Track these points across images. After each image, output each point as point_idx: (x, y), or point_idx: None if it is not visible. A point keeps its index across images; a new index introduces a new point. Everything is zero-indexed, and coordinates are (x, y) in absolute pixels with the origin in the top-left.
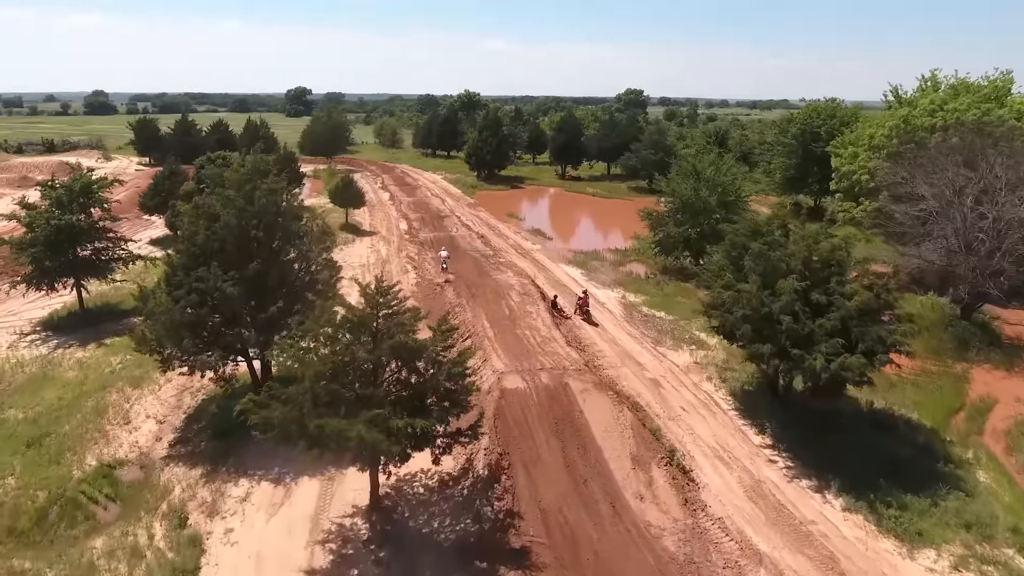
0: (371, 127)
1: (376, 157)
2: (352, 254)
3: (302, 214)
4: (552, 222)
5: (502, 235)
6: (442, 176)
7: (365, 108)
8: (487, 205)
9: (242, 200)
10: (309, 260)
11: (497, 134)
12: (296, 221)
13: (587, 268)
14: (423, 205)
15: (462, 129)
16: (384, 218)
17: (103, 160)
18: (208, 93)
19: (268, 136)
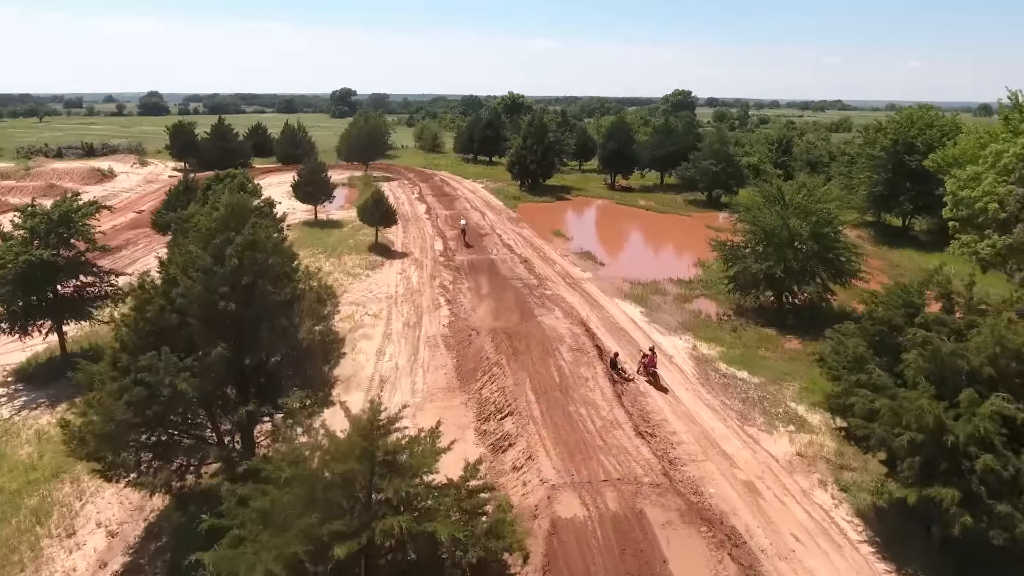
0: (412, 129)
1: (415, 162)
2: (380, 282)
3: (294, 273)
4: (603, 242)
5: (548, 259)
6: (483, 185)
7: (409, 109)
8: (531, 220)
9: (209, 259)
10: (295, 338)
11: (543, 141)
12: (283, 284)
13: (647, 305)
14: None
15: (505, 134)
16: (418, 236)
17: (138, 165)
18: (257, 94)
19: (305, 140)
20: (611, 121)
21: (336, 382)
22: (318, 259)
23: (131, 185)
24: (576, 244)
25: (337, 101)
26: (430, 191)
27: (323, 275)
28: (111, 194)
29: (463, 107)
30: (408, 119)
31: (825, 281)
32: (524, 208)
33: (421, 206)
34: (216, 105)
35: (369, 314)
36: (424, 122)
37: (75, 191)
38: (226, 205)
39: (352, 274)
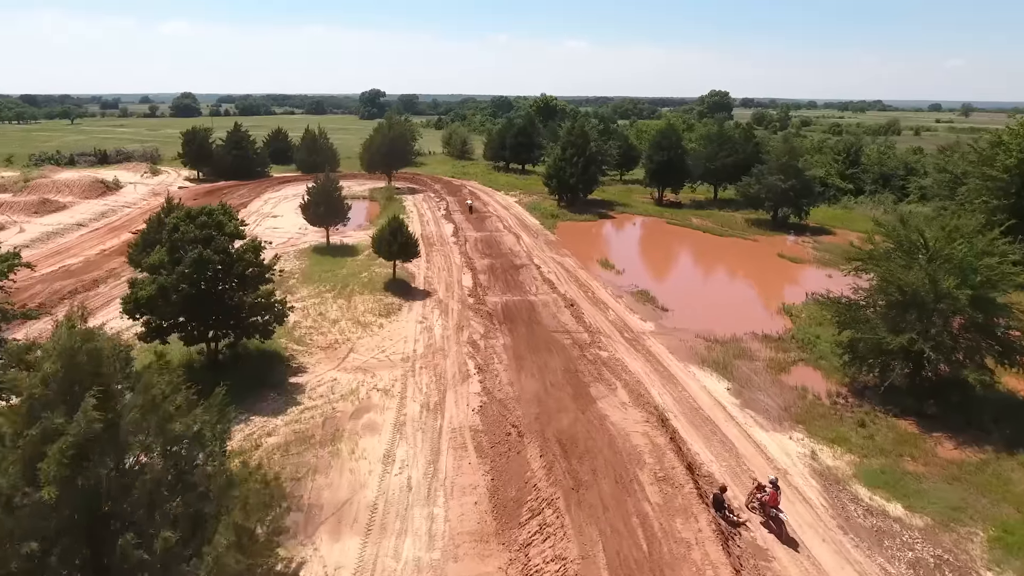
0: (440, 132)
1: (443, 171)
2: (395, 334)
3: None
4: (659, 276)
5: (598, 301)
6: (516, 199)
7: (438, 110)
8: (572, 244)
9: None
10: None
11: (584, 153)
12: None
13: (733, 377)
14: (494, 245)
15: (539, 141)
16: (444, 266)
17: (148, 175)
18: (288, 95)
19: (326, 147)
20: (659, 128)
21: (323, 513)
22: (324, 299)
23: (136, 198)
24: (629, 279)
25: (366, 102)
26: (458, 206)
27: (267, 471)
28: (111, 209)
29: (493, 108)
30: (437, 121)
31: (985, 359)
32: (563, 228)
33: (448, 226)
34: (247, 107)
35: (379, 388)
36: (453, 126)
37: (61, 206)
38: (60, 353)
39: (362, 323)
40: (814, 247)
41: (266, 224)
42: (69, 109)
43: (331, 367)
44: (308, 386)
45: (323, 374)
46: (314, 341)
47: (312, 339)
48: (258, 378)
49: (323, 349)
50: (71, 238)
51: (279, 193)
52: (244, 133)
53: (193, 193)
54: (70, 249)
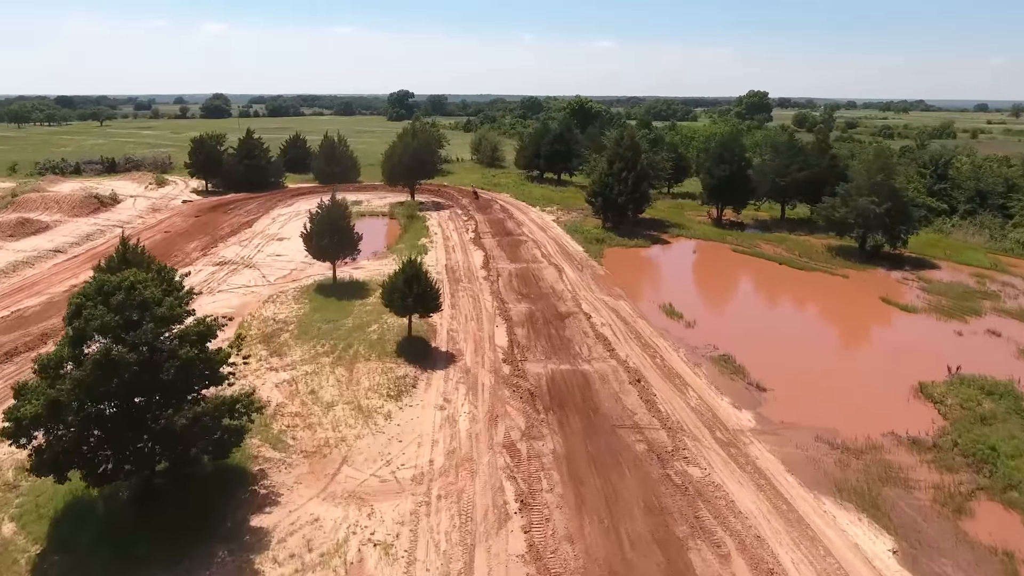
0: (469, 135)
1: (471, 180)
2: (406, 431)
3: None
4: (740, 329)
5: (672, 374)
6: (554, 216)
7: (466, 111)
8: (624, 278)
9: None
10: None
11: (635, 167)
12: None
13: (894, 527)
14: (531, 281)
15: (577, 149)
16: (473, 314)
17: (153, 186)
18: (318, 95)
19: (345, 155)
20: (713, 134)
21: None
22: (319, 367)
23: (131, 216)
24: (703, 334)
25: (394, 103)
26: (488, 227)
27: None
28: (99, 230)
29: (522, 110)
30: (465, 123)
31: None
32: (612, 256)
33: (477, 254)
34: (276, 108)
35: (375, 541)
36: (483, 129)
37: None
38: None
39: (364, 410)
40: (922, 286)
41: (269, 250)
42: (99, 111)
43: (314, 492)
44: (276, 534)
45: (301, 507)
46: (297, 442)
47: (295, 437)
48: (206, 517)
49: (307, 456)
50: (42, 269)
51: (291, 208)
52: (257, 141)
53: (196, 208)
54: (35, 285)
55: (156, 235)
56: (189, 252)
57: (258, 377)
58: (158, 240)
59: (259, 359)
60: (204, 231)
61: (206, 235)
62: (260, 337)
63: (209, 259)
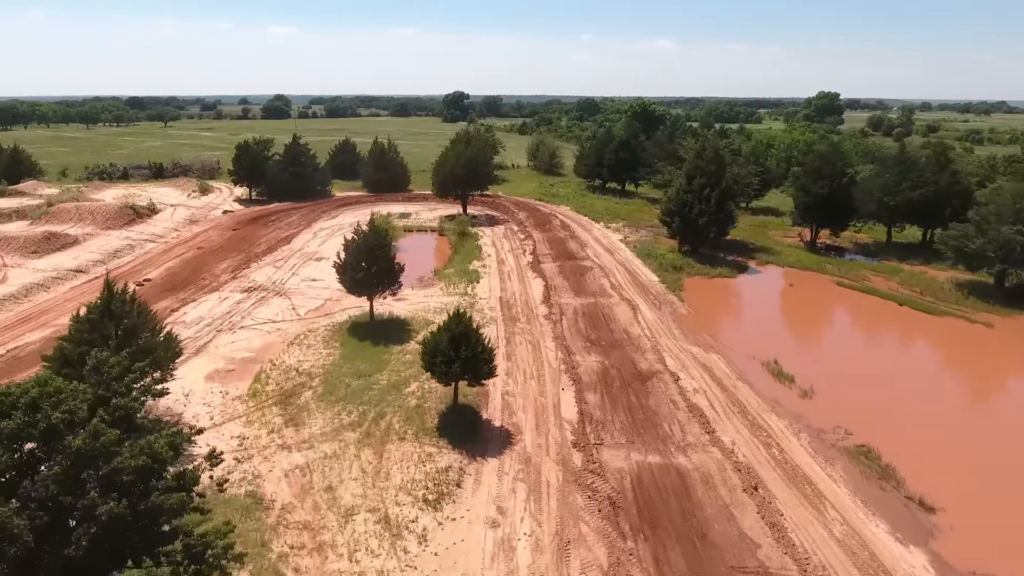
0: (525, 138)
1: (528, 190)
2: (445, 562)
3: None
4: (875, 403)
5: (798, 477)
6: (621, 234)
7: (522, 112)
8: (712, 320)
9: None
10: None
11: (719, 183)
12: None
13: None
14: (602, 323)
15: (644, 157)
16: (533, 371)
17: (196, 194)
18: (375, 96)
19: (395, 162)
20: (818, 151)
21: None
22: (343, 447)
23: (166, 229)
24: (827, 409)
25: (449, 105)
26: (548, 248)
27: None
28: (128, 245)
29: (579, 111)
30: (521, 125)
31: None
32: (693, 289)
33: (536, 284)
34: (334, 108)
35: None
36: (539, 132)
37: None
38: None
39: (392, 524)
40: None
41: (304, 273)
42: (164, 112)
43: None
44: None
45: None
46: (301, 573)
47: (299, 569)
48: None
49: None
50: (56, 293)
51: (334, 221)
52: (303, 147)
53: (236, 220)
54: (44, 314)
55: (188, 252)
56: (218, 275)
57: (266, 459)
58: (188, 258)
59: (271, 430)
60: (239, 247)
61: (240, 252)
62: (277, 396)
63: (238, 283)
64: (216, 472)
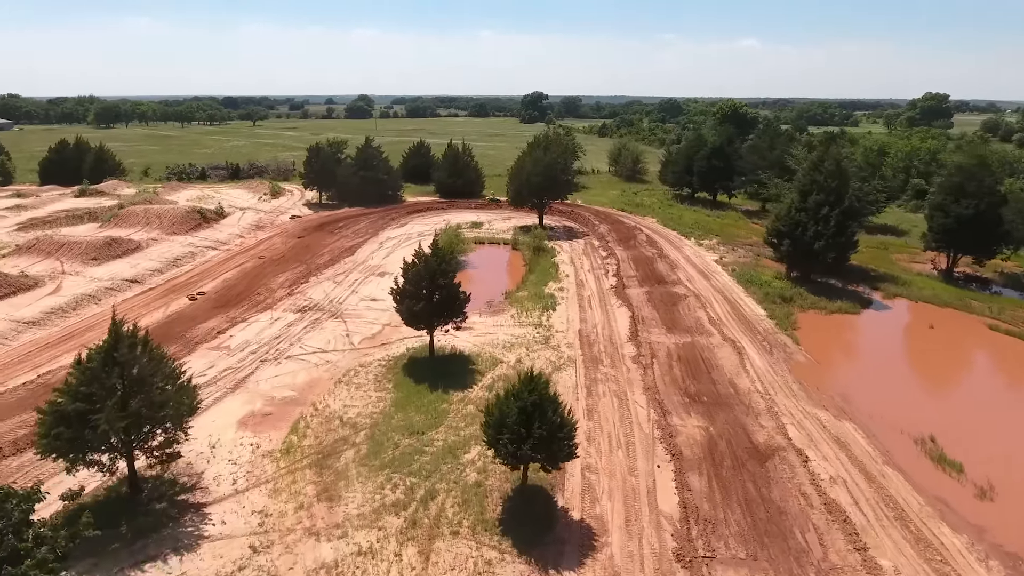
0: (604, 141)
1: (609, 199)
2: None
3: None
4: None
5: None
6: (715, 254)
7: (601, 113)
8: (840, 373)
9: None
10: None
11: (841, 200)
12: None
13: None
14: (702, 371)
15: (738, 165)
16: (620, 438)
17: (266, 197)
18: (455, 96)
19: (469, 165)
20: (960, 164)
21: None
22: (381, 544)
23: (230, 235)
24: (1013, 518)
25: (528, 106)
26: (634, 269)
27: None
28: (190, 252)
29: (661, 113)
30: (600, 127)
31: None
32: (809, 327)
33: (621, 314)
34: (414, 109)
35: None
36: (622, 138)
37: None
38: None
39: None
40: None
41: (364, 291)
42: (254, 111)
43: None
44: None
45: None
46: None
47: None
48: None
49: None
50: (107, 306)
51: (402, 230)
52: (375, 150)
53: (302, 226)
54: (88, 331)
55: (248, 262)
56: (274, 289)
57: (288, 550)
58: (248, 269)
59: (300, 505)
60: (301, 257)
61: (301, 264)
62: (314, 455)
63: (293, 301)
64: (224, 565)
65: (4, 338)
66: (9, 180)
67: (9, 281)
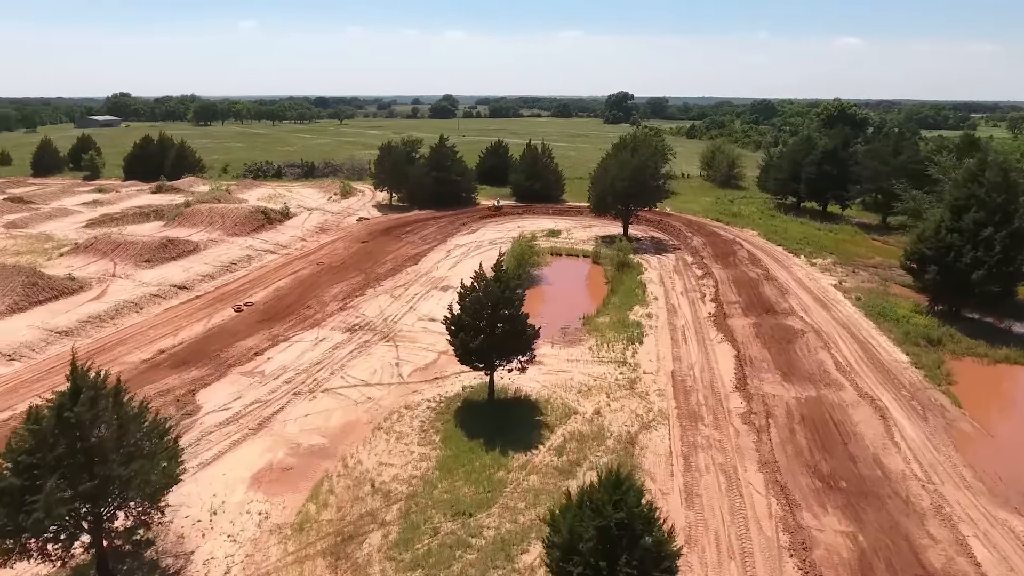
0: (693, 143)
1: (701, 207)
2: None
3: None
4: None
5: None
6: (832, 277)
7: (689, 114)
8: (1017, 459)
9: None
10: None
11: (1009, 220)
12: None
13: None
14: (835, 441)
15: (853, 172)
16: (731, 532)
17: (336, 197)
18: (538, 97)
19: (548, 168)
20: None
21: None
22: None
23: (291, 238)
24: None
25: (612, 106)
26: (736, 294)
27: None
28: (247, 256)
29: (754, 114)
30: (689, 128)
31: None
32: (969, 380)
33: (723, 352)
34: (497, 109)
35: None
36: (716, 140)
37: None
38: None
39: None
40: None
41: (423, 309)
42: (341, 110)
43: None
44: None
45: None
46: None
47: None
48: None
49: None
50: (147, 316)
51: (472, 237)
52: (449, 150)
53: (368, 229)
54: (118, 346)
55: (305, 268)
56: (326, 302)
57: None
58: (303, 277)
59: None
60: (361, 266)
61: (360, 273)
62: (332, 535)
63: (344, 317)
64: None
65: (31, 350)
66: (97, 175)
67: (53, 284)
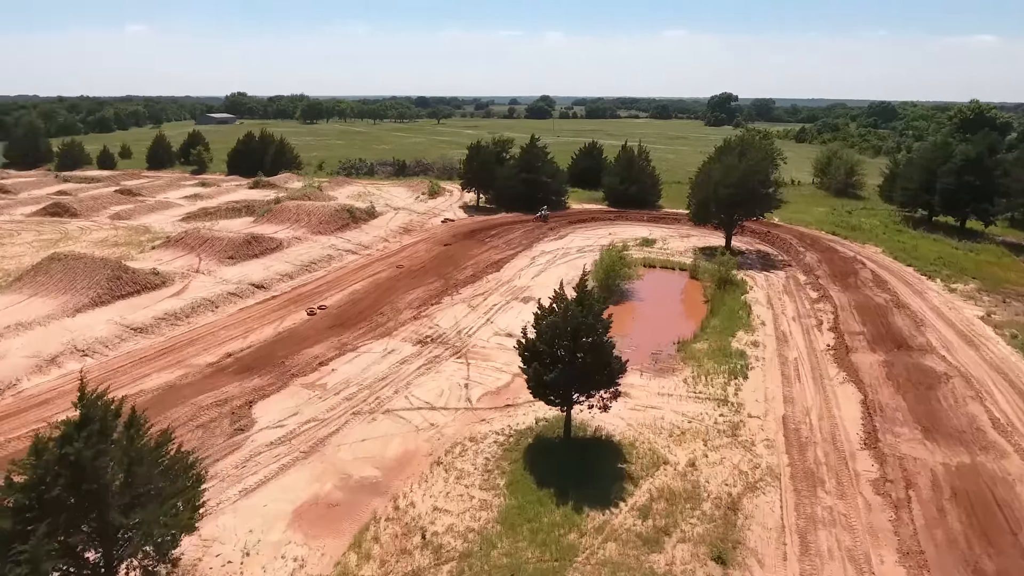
0: (803, 147)
1: (814, 218)
2: None
3: None
4: None
5: None
6: (978, 307)
7: (797, 117)
8: None
9: None
10: None
11: None
12: None
13: None
14: (999, 522)
15: (1008, 185)
16: None
17: (424, 196)
18: (636, 98)
19: (646, 172)
20: None
21: None
22: None
23: (373, 238)
24: None
25: (714, 107)
26: (860, 323)
27: None
28: (328, 255)
29: (871, 117)
30: (798, 132)
31: None
32: None
33: (846, 397)
34: (594, 109)
35: None
36: (831, 144)
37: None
38: None
39: None
40: None
41: (501, 322)
42: (439, 110)
43: None
44: None
45: None
46: None
47: None
48: None
49: None
50: (221, 315)
51: (560, 243)
52: (540, 151)
53: (452, 231)
54: (188, 346)
55: (384, 270)
56: (400, 309)
57: None
58: (381, 280)
59: None
60: (441, 270)
61: (439, 278)
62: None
63: (417, 327)
64: None
65: (105, 346)
66: (204, 169)
67: (136, 278)
